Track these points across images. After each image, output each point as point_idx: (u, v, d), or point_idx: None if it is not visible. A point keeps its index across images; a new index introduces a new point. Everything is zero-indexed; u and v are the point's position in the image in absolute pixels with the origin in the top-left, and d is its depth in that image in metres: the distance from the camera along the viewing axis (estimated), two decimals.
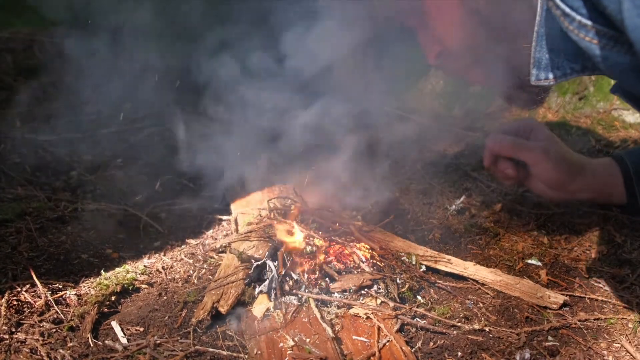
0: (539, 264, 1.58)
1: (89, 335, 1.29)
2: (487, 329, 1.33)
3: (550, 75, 1.18)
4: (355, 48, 1.52)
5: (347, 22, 1.48)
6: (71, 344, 1.28)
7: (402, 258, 1.53)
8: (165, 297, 1.46)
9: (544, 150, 1.60)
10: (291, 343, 1.26)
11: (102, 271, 1.51)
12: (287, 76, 1.89)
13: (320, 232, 1.56)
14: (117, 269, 1.53)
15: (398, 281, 1.45)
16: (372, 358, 1.23)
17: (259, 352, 1.24)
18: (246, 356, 1.25)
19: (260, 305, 1.36)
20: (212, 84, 2.04)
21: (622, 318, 1.38)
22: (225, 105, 2.03)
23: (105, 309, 1.40)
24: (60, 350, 1.25)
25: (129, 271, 1.52)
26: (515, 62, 1.26)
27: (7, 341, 1.25)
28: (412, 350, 1.27)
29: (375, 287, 1.44)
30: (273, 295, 1.39)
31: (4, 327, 1.28)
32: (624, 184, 1.67)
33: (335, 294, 1.41)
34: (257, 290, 1.41)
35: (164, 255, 1.64)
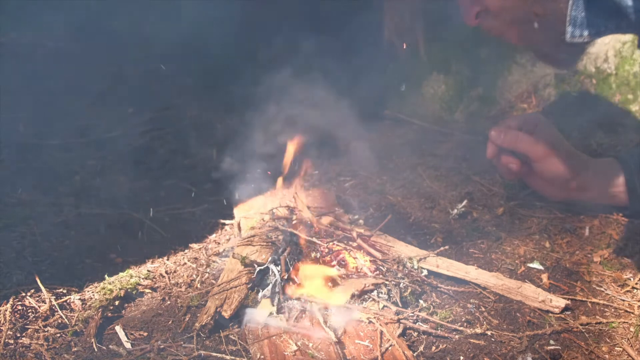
0: (541, 267, 1.58)
1: (93, 339, 1.30)
2: (489, 332, 1.34)
3: (585, 33, 1.22)
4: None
5: None
6: (75, 349, 1.29)
7: (404, 262, 1.53)
8: (168, 302, 1.47)
9: (548, 146, 1.60)
10: (294, 347, 1.27)
11: (105, 276, 1.52)
12: None
13: (322, 237, 1.57)
14: (121, 274, 1.54)
15: (400, 285, 1.46)
16: None
17: (262, 356, 1.25)
18: None
19: (264, 310, 1.37)
20: None
21: (624, 322, 1.38)
22: None
23: (109, 314, 1.41)
24: (65, 355, 1.26)
25: (132, 276, 1.53)
26: (552, 21, 1.30)
27: (12, 346, 1.26)
28: (415, 355, 1.27)
29: (377, 292, 1.45)
30: (276, 300, 1.39)
31: (9, 332, 1.29)
32: (626, 185, 1.67)
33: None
34: (260, 294, 1.42)
35: (167, 259, 1.65)
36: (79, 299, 1.45)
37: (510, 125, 1.68)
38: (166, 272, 1.59)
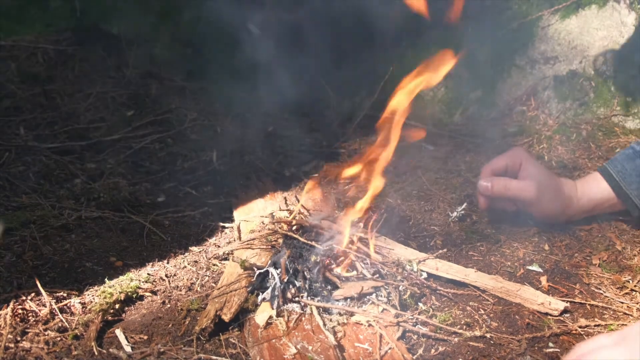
0: (540, 270, 1.59)
1: (93, 343, 1.31)
2: (488, 335, 1.34)
3: None
4: None
5: None
6: (76, 353, 1.29)
7: (404, 265, 1.53)
8: (168, 305, 1.47)
9: (536, 188, 1.65)
10: (293, 351, 1.27)
11: (106, 279, 1.52)
12: None
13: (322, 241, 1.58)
14: (121, 277, 1.54)
15: (400, 288, 1.46)
16: None
17: (262, 359, 1.25)
18: None
19: (263, 313, 1.37)
20: None
21: (623, 324, 1.38)
22: None
23: (110, 317, 1.41)
24: (65, 359, 1.26)
25: (132, 279, 1.53)
26: None
27: (13, 350, 1.27)
28: (414, 358, 1.28)
29: (376, 294, 1.45)
30: (276, 303, 1.40)
31: (9, 336, 1.30)
32: (616, 196, 1.69)
33: (338, 302, 1.42)
34: (260, 298, 1.42)
35: (168, 263, 1.66)
36: (79, 302, 1.45)
37: (496, 168, 1.73)
38: (166, 275, 1.59)
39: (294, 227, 1.61)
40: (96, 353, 1.29)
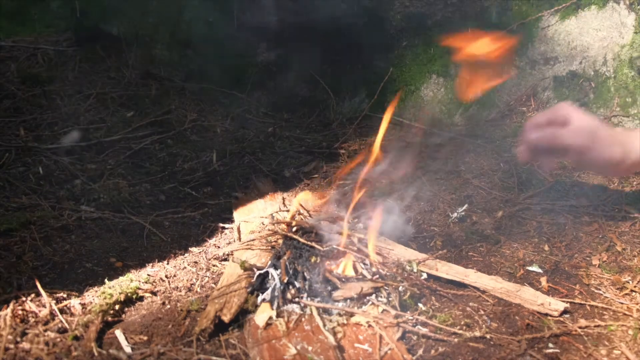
0: (540, 270, 1.59)
1: (93, 344, 1.30)
2: (488, 336, 1.34)
3: None
4: None
5: None
6: (76, 353, 1.29)
7: (404, 266, 1.53)
8: (168, 306, 1.47)
9: (589, 134, 1.49)
10: (293, 351, 1.27)
11: (106, 280, 1.52)
12: None
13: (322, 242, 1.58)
14: (121, 278, 1.54)
15: (399, 289, 1.46)
16: None
17: None
18: None
19: (263, 314, 1.37)
20: None
21: (622, 325, 1.38)
22: None
23: (109, 318, 1.41)
24: (65, 359, 1.26)
25: (132, 280, 1.53)
26: None
27: (13, 350, 1.27)
28: (414, 358, 1.28)
29: (376, 295, 1.45)
30: (275, 304, 1.40)
31: (9, 337, 1.29)
32: None
33: (338, 302, 1.42)
34: (260, 298, 1.42)
35: (167, 263, 1.66)
36: (79, 303, 1.45)
37: (540, 122, 1.55)
38: (166, 276, 1.59)
39: (294, 228, 1.61)
40: (96, 354, 1.28)
